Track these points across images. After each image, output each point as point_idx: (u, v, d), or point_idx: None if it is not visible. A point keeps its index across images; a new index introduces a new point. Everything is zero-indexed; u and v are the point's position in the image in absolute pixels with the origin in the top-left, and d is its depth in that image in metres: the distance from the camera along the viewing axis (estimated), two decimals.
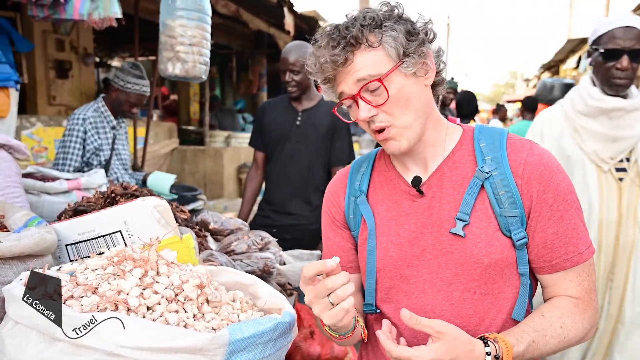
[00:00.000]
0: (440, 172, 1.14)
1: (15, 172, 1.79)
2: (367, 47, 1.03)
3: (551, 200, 1.06)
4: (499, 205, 1.07)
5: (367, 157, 1.28)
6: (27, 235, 1.15)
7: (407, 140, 1.08)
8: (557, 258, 1.07)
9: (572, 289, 1.09)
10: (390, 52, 1.03)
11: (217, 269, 1.27)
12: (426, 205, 1.13)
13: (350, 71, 1.04)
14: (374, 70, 1.03)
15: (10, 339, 0.92)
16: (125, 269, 1.02)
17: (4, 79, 3.00)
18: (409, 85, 1.06)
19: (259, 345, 0.94)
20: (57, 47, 5.78)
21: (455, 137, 1.17)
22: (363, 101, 1.05)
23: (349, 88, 1.06)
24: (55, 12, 2.66)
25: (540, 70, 27.49)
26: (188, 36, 2.49)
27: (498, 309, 1.10)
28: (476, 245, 1.07)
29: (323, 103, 2.93)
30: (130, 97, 2.97)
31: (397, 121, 1.07)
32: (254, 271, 1.67)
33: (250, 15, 6.05)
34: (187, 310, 1.00)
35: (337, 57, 1.02)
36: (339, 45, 1.02)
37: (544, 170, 1.06)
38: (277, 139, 2.92)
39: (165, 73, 2.59)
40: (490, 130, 1.15)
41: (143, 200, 1.35)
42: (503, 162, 1.08)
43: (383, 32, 1.03)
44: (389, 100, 1.04)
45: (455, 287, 1.10)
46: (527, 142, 1.11)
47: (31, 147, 4.88)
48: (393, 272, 1.15)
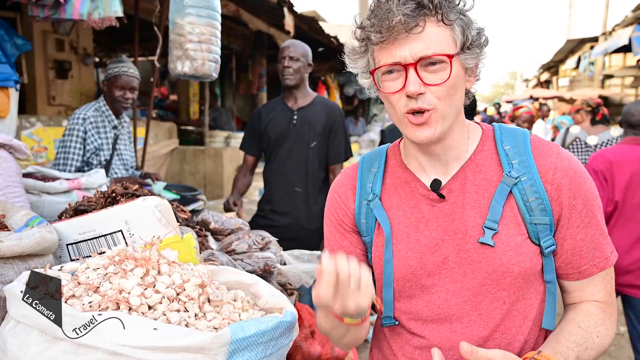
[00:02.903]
0: (463, 175, 1.08)
1: (15, 172, 1.79)
2: (439, 20, 0.96)
3: (581, 206, 1.03)
4: (529, 212, 1.02)
5: (378, 156, 1.20)
6: (28, 235, 1.15)
7: (441, 130, 1.01)
8: (585, 264, 1.05)
9: (598, 293, 1.07)
10: (457, 37, 0.98)
11: (218, 268, 1.27)
12: (447, 210, 1.07)
13: (414, 39, 0.95)
14: (438, 48, 0.96)
15: (12, 339, 0.92)
16: (126, 268, 1.02)
17: (3, 79, 3.00)
18: (461, 77, 1.01)
19: (260, 345, 0.94)
20: (56, 47, 5.78)
21: (475, 138, 1.11)
22: (416, 74, 0.97)
23: (405, 56, 0.96)
24: (56, 12, 2.66)
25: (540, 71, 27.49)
26: (196, 33, 2.47)
27: (524, 317, 1.07)
28: (505, 254, 1.02)
29: (318, 101, 2.95)
30: (116, 81, 2.98)
31: (440, 107, 0.99)
32: (254, 271, 1.67)
33: (250, 16, 6.05)
34: (189, 309, 1.00)
35: (408, 18, 0.93)
36: (407, 5, 0.94)
37: (574, 175, 1.03)
38: (275, 140, 2.93)
39: (175, 72, 2.58)
40: (512, 131, 1.10)
41: (144, 199, 1.35)
42: (531, 167, 1.03)
43: (459, 15, 0.98)
44: (446, 82, 0.97)
45: (483, 297, 1.05)
46: (551, 144, 1.07)
47: (31, 147, 4.88)
48: (413, 281, 1.09)
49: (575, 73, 19.42)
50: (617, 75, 16.05)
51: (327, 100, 3.08)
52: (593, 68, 15.71)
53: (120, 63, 3.03)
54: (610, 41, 12.56)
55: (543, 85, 26.77)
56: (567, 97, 15.25)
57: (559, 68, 23.03)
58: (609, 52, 13.33)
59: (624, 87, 16.98)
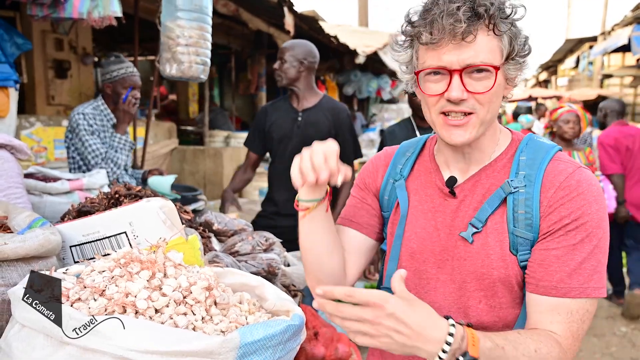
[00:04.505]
0: (477, 177, 1.11)
1: (17, 173, 1.77)
2: (489, 30, 0.97)
3: (572, 226, 0.98)
4: (514, 223, 1.03)
5: (416, 143, 1.26)
6: (32, 237, 1.13)
7: (475, 134, 1.03)
8: (546, 281, 0.98)
9: (557, 324, 0.97)
10: (504, 47, 0.99)
11: (224, 270, 1.26)
12: (455, 207, 1.11)
13: (464, 46, 0.96)
14: (486, 58, 0.98)
15: (17, 343, 0.91)
16: (132, 271, 1.00)
17: (3, 78, 2.98)
18: (502, 86, 1.04)
19: (269, 348, 0.93)
20: (56, 46, 5.75)
21: (503, 145, 1.12)
22: (460, 80, 0.99)
23: (452, 62, 0.98)
24: (55, 11, 2.64)
25: (539, 70, 27.53)
26: (184, 37, 2.50)
27: (505, 324, 1.07)
28: (488, 257, 1.05)
29: (324, 102, 2.93)
30: (122, 83, 2.96)
31: (480, 112, 1.01)
32: (259, 272, 1.66)
33: (250, 15, 6.02)
34: (196, 312, 0.99)
35: (464, 26, 0.94)
36: (462, 12, 0.94)
37: (577, 196, 0.99)
38: (279, 140, 2.91)
39: (164, 74, 2.62)
40: (539, 145, 1.09)
41: (148, 201, 1.33)
42: (535, 182, 1.03)
43: (509, 25, 0.99)
44: (489, 91, 0.99)
45: (462, 293, 1.09)
46: (572, 165, 1.03)
47: (30, 147, 4.86)
48: (410, 262, 1.15)
49: (574, 72, 19.46)
50: (616, 74, 16.07)
51: (334, 102, 3.04)
52: (592, 68, 15.73)
53: (123, 63, 3.01)
54: (609, 41, 12.57)
55: (542, 84, 26.82)
56: (566, 97, 15.27)
57: (558, 67, 23.07)
58: (608, 52, 13.35)
59: (622, 86, 17.01)
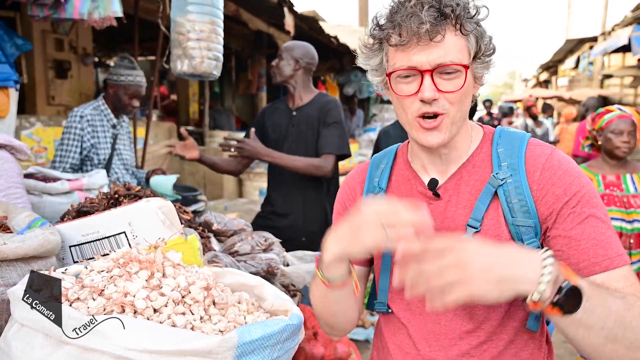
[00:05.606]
0: (459, 175, 1.11)
1: (17, 173, 1.78)
2: (456, 30, 0.99)
3: (574, 202, 1.00)
4: (512, 214, 1.03)
5: (387, 154, 1.26)
6: (31, 237, 1.14)
7: (449, 135, 1.05)
8: (584, 261, 0.98)
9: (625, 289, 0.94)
10: (471, 46, 1.01)
11: (222, 270, 1.26)
12: (441, 208, 1.11)
13: (434, 47, 0.98)
14: (456, 57, 0.99)
15: (16, 342, 0.91)
16: (131, 271, 1.01)
17: (3, 78, 2.99)
18: (471, 85, 1.06)
19: (267, 348, 0.93)
20: (56, 47, 5.76)
21: (477, 140, 1.14)
22: (432, 80, 1.00)
23: (422, 62, 0.99)
24: (55, 12, 2.64)
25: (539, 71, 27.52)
26: (195, 31, 2.42)
27: (509, 317, 1.07)
28: None
29: (316, 99, 2.92)
30: (126, 89, 2.97)
31: (452, 112, 1.03)
32: (258, 272, 1.66)
33: (250, 15, 6.03)
34: (194, 312, 0.99)
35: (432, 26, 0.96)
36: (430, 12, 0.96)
37: (563, 174, 1.02)
38: (275, 141, 2.92)
39: (175, 71, 2.54)
40: (511, 135, 1.12)
41: (147, 201, 1.34)
42: (519, 169, 1.05)
43: (475, 25, 1.01)
44: (460, 90, 1.01)
45: None
46: (548, 147, 1.07)
47: (30, 147, 4.86)
48: None
49: (574, 73, 19.44)
50: (616, 75, 16.06)
51: (327, 97, 3.02)
52: (592, 68, 15.72)
53: (134, 71, 3.00)
54: (609, 41, 12.57)
55: (542, 85, 26.80)
56: (567, 97, 15.26)
57: (558, 68, 23.06)
58: (608, 52, 13.34)
59: (623, 86, 16.99)
